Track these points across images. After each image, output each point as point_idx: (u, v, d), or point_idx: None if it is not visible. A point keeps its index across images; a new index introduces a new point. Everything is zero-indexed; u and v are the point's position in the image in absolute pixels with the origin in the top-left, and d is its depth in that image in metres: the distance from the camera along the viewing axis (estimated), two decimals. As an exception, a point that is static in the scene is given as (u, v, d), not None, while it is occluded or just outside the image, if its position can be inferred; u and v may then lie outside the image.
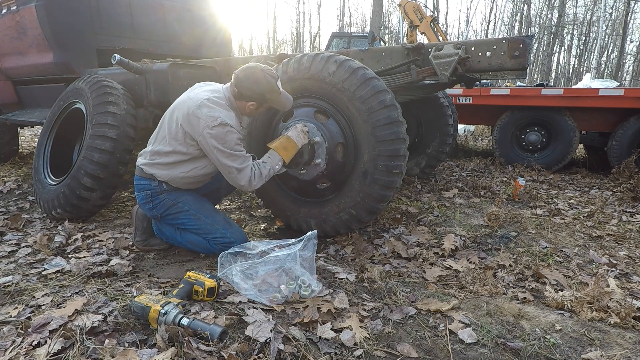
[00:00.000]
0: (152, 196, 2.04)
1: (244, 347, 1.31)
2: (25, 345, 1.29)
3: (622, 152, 4.54)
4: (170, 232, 2.15)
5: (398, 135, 2.09)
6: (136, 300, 1.43)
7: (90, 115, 2.70)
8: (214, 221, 2.06)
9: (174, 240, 2.16)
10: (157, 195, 2.03)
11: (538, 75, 27.21)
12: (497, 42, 2.40)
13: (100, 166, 2.55)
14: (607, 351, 1.41)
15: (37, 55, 3.58)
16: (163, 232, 2.17)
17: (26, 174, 4.07)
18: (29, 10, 3.39)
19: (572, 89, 5.05)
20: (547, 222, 2.87)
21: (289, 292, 1.64)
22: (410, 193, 3.58)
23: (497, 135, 5.21)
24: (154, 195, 2.04)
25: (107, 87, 2.80)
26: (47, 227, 2.62)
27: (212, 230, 2.04)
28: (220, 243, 2.03)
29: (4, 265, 2.01)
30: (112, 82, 2.89)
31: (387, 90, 2.15)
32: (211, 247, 2.06)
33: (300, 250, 1.72)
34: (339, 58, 2.19)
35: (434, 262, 2.16)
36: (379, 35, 12.58)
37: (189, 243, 2.12)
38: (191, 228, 2.08)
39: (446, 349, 1.39)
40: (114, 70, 3.14)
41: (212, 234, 2.04)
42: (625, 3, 23.12)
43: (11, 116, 4.06)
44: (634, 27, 26.75)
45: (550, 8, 26.49)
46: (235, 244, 1.96)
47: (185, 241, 2.12)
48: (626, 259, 2.30)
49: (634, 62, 26.61)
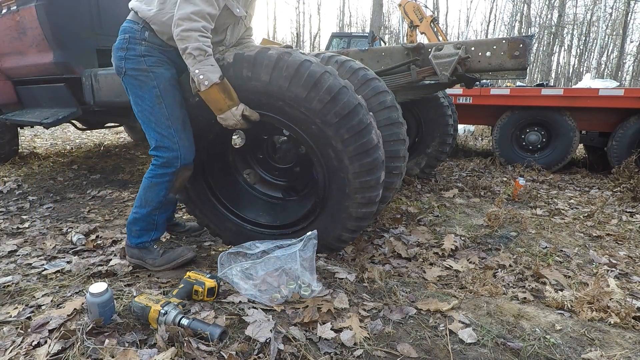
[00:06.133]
0: (129, 41, 1.72)
1: (244, 347, 1.31)
2: (25, 345, 1.29)
3: (622, 152, 4.54)
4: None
5: (398, 136, 2.09)
6: (136, 300, 1.43)
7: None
8: (174, 121, 1.76)
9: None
10: (135, 43, 1.71)
11: (538, 75, 27.22)
12: (497, 42, 2.40)
13: None
14: (607, 351, 1.41)
15: (37, 55, 3.57)
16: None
17: (26, 173, 4.07)
18: (29, 10, 3.39)
19: (572, 89, 5.05)
20: (547, 222, 2.88)
21: (289, 292, 1.64)
22: (410, 193, 3.58)
23: (497, 135, 5.21)
24: (131, 42, 1.72)
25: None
26: (47, 226, 2.62)
27: (164, 127, 1.74)
28: (163, 148, 1.76)
29: (4, 265, 2.01)
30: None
31: (388, 91, 2.15)
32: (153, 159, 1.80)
33: (300, 250, 1.72)
34: (339, 58, 2.19)
35: (434, 262, 2.16)
36: (379, 35, 12.58)
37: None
38: (144, 106, 1.76)
39: (446, 349, 1.39)
40: (114, 71, 3.14)
41: (160, 128, 1.74)
42: (625, 3, 23.12)
43: (11, 116, 4.06)
44: (634, 27, 26.81)
45: (550, 8, 26.50)
46: (177, 163, 1.77)
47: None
48: (626, 259, 2.30)
49: (634, 62, 26.61)
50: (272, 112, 1.80)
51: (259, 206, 2.27)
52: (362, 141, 1.70)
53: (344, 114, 1.67)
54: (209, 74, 1.62)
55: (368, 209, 1.84)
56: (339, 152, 1.73)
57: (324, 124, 1.70)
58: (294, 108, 1.72)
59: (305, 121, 1.73)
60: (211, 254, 2.17)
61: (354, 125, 1.68)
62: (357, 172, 1.75)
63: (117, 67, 1.80)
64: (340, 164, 1.76)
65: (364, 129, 1.70)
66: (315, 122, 1.71)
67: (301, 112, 1.71)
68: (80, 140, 6.81)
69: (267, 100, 1.76)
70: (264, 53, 1.71)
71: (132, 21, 1.76)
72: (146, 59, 1.73)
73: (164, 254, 1.95)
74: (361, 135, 1.70)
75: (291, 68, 1.66)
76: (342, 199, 1.83)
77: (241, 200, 2.25)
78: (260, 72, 1.71)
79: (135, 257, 1.95)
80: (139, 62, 1.73)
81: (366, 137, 1.71)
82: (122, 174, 4.16)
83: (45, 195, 3.41)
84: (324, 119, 1.69)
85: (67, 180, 3.91)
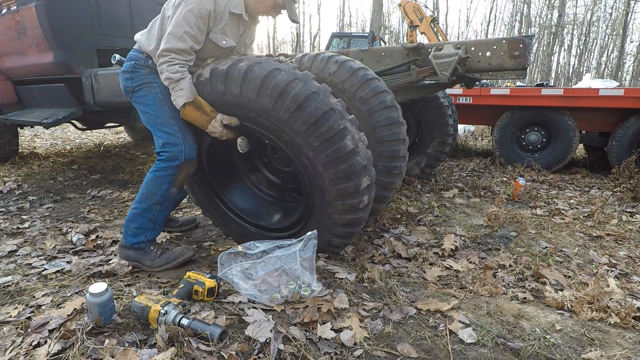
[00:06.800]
0: (134, 67, 1.97)
1: (244, 347, 1.30)
2: (25, 345, 1.29)
3: (622, 152, 4.54)
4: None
5: (398, 136, 2.10)
6: (136, 301, 1.43)
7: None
8: (178, 125, 1.91)
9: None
10: (139, 68, 1.96)
11: (538, 75, 27.22)
12: (497, 42, 2.40)
13: None
14: (607, 351, 1.41)
15: (37, 55, 3.57)
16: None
17: (26, 173, 4.07)
18: (29, 10, 3.39)
19: (572, 89, 5.05)
20: (547, 222, 2.87)
21: (289, 292, 1.64)
22: (410, 193, 3.58)
23: (497, 135, 5.21)
24: (136, 67, 1.97)
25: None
26: (47, 227, 2.62)
27: (169, 126, 1.89)
28: (169, 144, 1.88)
29: (4, 265, 2.01)
30: None
31: (388, 91, 2.15)
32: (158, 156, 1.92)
33: (300, 250, 1.72)
34: (339, 58, 2.19)
35: (434, 262, 2.16)
36: (379, 35, 12.58)
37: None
38: (151, 112, 1.92)
39: (446, 349, 1.39)
40: (114, 70, 3.14)
41: (166, 127, 1.89)
42: (625, 3, 23.11)
43: (11, 116, 4.06)
44: (634, 27, 26.80)
45: (550, 8, 26.50)
46: (181, 156, 1.87)
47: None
48: (626, 259, 2.30)
49: (634, 62, 26.61)
50: (248, 123, 1.82)
51: (261, 208, 2.28)
52: (334, 148, 1.66)
53: (312, 121, 1.64)
54: (178, 99, 1.82)
55: (352, 215, 1.80)
56: (312, 160, 1.71)
57: (293, 132, 1.68)
58: (264, 118, 1.73)
59: (277, 130, 1.73)
60: (211, 254, 2.18)
61: (323, 132, 1.65)
62: (333, 180, 1.71)
63: (125, 88, 2.01)
64: (315, 171, 1.73)
65: (334, 135, 1.65)
66: (285, 131, 1.70)
67: (271, 122, 1.72)
68: (80, 140, 6.81)
69: (241, 112, 1.79)
70: (235, 66, 1.74)
71: (137, 51, 2.00)
72: (149, 76, 1.96)
73: (162, 255, 1.95)
74: (332, 141, 1.65)
75: (258, 79, 1.68)
76: (324, 206, 1.82)
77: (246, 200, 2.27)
78: (231, 85, 1.74)
79: (131, 258, 1.95)
80: (143, 79, 1.96)
81: (338, 144, 1.65)
82: (122, 174, 4.16)
83: (45, 195, 3.41)
84: (292, 127, 1.68)
85: (67, 180, 3.91)
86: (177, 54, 1.81)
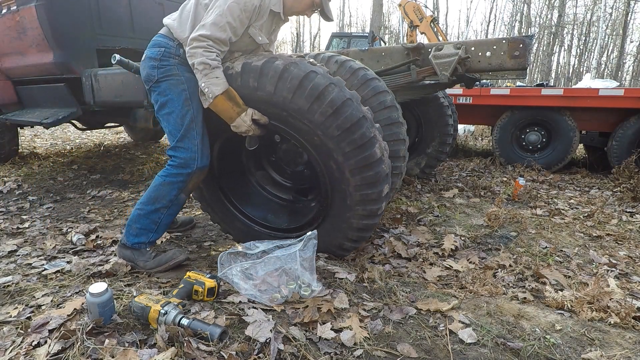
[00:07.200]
0: (164, 55, 1.86)
1: (244, 347, 1.30)
2: (25, 345, 1.29)
3: (622, 152, 4.54)
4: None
5: (398, 136, 2.10)
6: (136, 301, 1.43)
7: None
8: (197, 130, 1.84)
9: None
10: (169, 56, 1.85)
11: (538, 75, 27.22)
12: (497, 42, 2.40)
13: None
14: (607, 351, 1.41)
15: (37, 55, 3.57)
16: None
17: (26, 173, 4.07)
18: (29, 10, 3.39)
19: (572, 89, 5.05)
20: (547, 222, 2.88)
21: (289, 292, 1.64)
22: (410, 193, 3.58)
23: (497, 135, 5.21)
24: (166, 55, 1.86)
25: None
26: (47, 226, 2.62)
27: (188, 128, 1.82)
28: (182, 148, 1.83)
29: (4, 265, 2.01)
30: None
31: (388, 91, 2.15)
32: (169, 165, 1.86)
33: (300, 250, 1.72)
34: (339, 58, 2.19)
35: (434, 262, 2.16)
36: (379, 35, 12.58)
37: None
38: (172, 109, 1.83)
39: (446, 349, 1.39)
40: (114, 70, 3.14)
41: (184, 129, 1.82)
42: (625, 3, 23.12)
43: (11, 116, 4.06)
44: (634, 27, 26.75)
45: (550, 8, 26.51)
46: (193, 165, 1.83)
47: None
48: (626, 259, 2.30)
49: (634, 62, 26.62)
50: (277, 122, 1.81)
51: (269, 207, 2.27)
52: (364, 155, 1.69)
53: (346, 127, 1.66)
54: (213, 87, 1.73)
55: (370, 220, 1.83)
56: (340, 165, 1.72)
57: (326, 136, 1.69)
58: (297, 119, 1.73)
59: (308, 132, 1.73)
60: (211, 254, 2.18)
61: (355, 138, 1.67)
62: (359, 185, 1.74)
63: (148, 75, 1.88)
64: (341, 176, 1.75)
65: (366, 143, 1.68)
66: (317, 134, 1.70)
67: (304, 124, 1.72)
68: (80, 140, 6.81)
69: (273, 110, 1.77)
70: (270, 63, 1.71)
71: (167, 37, 1.89)
72: (178, 67, 1.86)
73: (155, 257, 1.94)
74: (363, 148, 1.68)
75: (295, 80, 1.67)
76: (344, 209, 1.83)
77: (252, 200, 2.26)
78: (265, 82, 1.72)
79: (127, 258, 1.95)
80: (171, 70, 1.85)
81: (368, 151, 1.69)
82: (122, 174, 4.16)
83: (45, 195, 3.41)
84: (325, 131, 1.68)
85: (67, 180, 3.91)
86: (215, 43, 1.75)
